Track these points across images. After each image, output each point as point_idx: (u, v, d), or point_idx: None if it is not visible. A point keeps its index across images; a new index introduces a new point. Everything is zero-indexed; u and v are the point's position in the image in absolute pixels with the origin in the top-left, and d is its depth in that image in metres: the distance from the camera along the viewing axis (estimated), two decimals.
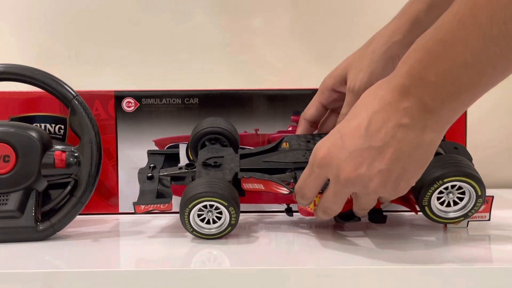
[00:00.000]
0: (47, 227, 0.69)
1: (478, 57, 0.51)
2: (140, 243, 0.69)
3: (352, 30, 1.03)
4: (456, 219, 0.65)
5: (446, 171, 0.62)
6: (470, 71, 0.51)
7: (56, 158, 0.70)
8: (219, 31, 1.04)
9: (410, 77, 0.54)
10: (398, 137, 0.55)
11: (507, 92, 1.05)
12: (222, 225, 0.66)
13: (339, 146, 0.58)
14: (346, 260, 0.61)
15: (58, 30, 1.03)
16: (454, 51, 0.51)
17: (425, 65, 0.53)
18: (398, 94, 0.55)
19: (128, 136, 0.83)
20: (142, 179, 0.72)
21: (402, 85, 0.55)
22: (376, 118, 0.55)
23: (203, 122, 0.80)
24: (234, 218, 0.65)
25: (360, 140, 0.56)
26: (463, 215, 0.64)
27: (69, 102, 0.72)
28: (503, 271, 0.57)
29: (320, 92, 0.78)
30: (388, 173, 0.56)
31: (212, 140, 0.78)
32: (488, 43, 0.50)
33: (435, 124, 0.55)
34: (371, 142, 0.56)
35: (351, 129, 0.57)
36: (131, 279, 0.58)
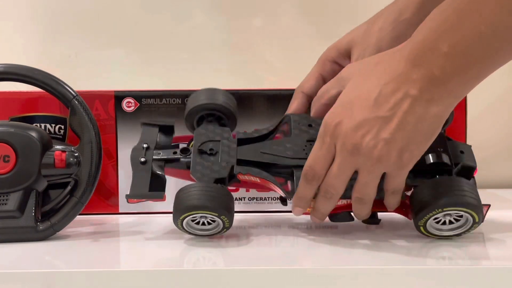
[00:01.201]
0: (47, 227, 0.69)
1: (493, 28, 0.50)
2: (140, 243, 0.69)
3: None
4: (448, 237, 0.64)
5: (448, 201, 0.61)
6: (484, 43, 0.51)
7: (56, 158, 0.70)
8: (219, 31, 1.04)
9: (423, 46, 0.54)
10: (404, 108, 0.55)
11: (507, 91, 1.05)
12: (217, 228, 0.66)
13: (348, 116, 0.58)
14: (346, 260, 0.61)
15: (58, 30, 1.03)
16: (469, 21, 0.51)
17: (439, 35, 0.53)
18: (410, 65, 0.55)
19: (128, 136, 0.83)
20: (135, 163, 0.71)
21: (414, 55, 0.55)
22: (386, 89, 0.56)
23: (200, 94, 0.76)
24: (228, 223, 0.65)
25: (368, 110, 0.57)
26: (456, 234, 0.64)
27: (69, 102, 0.72)
28: (500, 270, 0.57)
29: (321, 63, 0.76)
30: (393, 142, 0.56)
31: (209, 116, 0.75)
32: (504, 14, 0.49)
33: (442, 98, 0.55)
34: (378, 112, 0.56)
35: (360, 99, 0.58)
36: (131, 279, 0.58)
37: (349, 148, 0.58)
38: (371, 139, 0.57)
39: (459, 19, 0.52)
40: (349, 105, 0.59)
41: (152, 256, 0.65)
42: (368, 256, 0.61)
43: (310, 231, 0.73)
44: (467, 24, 0.51)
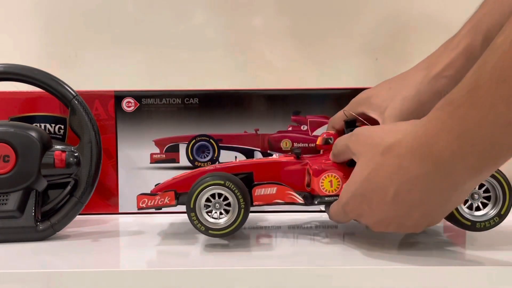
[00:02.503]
0: (47, 227, 0.69)
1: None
2: (140, 243, 0.69)
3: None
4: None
5: None
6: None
7: (56, 158, 0.70)
8: (219, 31, 1.04)
9: (444, 150, 0.52)
10: (424, 204, 0.57)
11: None
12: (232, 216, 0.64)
13: (367, 211, 0.60)
14: (346, 260, 0.61)
15: (58, 30, 1.03)
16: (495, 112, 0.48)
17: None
18: (432, 165, 0.54)
19: (128, 136, 0.83)
20: None
21: (437, 157, 0.53)
22: (402, 189, 0.56)
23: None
24: (244, 206, 0.63)
25: (387, 207, 0.58)
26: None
27: (69, 102, 0.72)
28: (501, 271, 0.57)
29: (353, 105, 0.74)
30: (416, 225, 0.59)
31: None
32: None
33: (461, 194, 0.56)
34: (398, 210, 0.58)
35: (377, 195, 0.58)
36: (131, 279, 0.58)
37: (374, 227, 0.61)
38: (394, 229, 0.60)
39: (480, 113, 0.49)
40: (366, 199, 0.59)
41: (152, 256, 0.65)
42: (368, 256, 0.61)
43: (311, 231, 0.73)
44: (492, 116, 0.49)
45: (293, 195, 0.68)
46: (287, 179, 0.69)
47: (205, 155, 0.85)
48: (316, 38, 1.04)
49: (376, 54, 1.04)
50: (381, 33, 1.03)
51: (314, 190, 0.67)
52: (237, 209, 0.64)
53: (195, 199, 0.63)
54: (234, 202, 0.64)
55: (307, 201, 0.67)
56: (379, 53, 1.03)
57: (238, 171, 0.69)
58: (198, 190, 0.63)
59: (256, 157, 0.85)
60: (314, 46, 1.04)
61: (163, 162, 0.84)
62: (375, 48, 1.03)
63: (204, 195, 0.64)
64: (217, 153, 0.85)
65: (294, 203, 0.68)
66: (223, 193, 0.64)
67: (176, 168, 0.84)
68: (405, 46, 1.03)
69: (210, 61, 1.03)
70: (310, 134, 0.85)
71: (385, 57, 1.03)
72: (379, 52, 1.03)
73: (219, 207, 0.64)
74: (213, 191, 0.64)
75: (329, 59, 1.03)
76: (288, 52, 1.04)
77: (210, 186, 0.63)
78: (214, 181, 0.63)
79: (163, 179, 0.83)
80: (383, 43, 1.03)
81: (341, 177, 0.66)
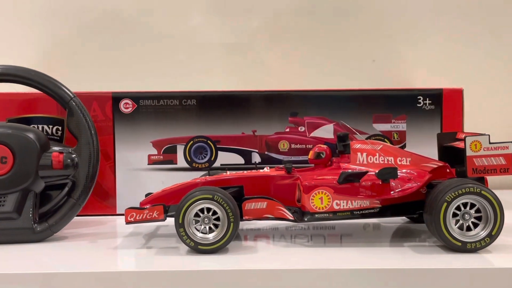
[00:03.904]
0: (44, 228, 0.69)
1: None
2: (137, 244, 0.69)
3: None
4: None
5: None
6: None
7: (54, 159, 0.70)
8: (217, 31, 1.04)
9: None
10: None
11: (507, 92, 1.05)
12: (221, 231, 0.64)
13: None
14: (342, 261, 0.61)
15: (57, 32, 1.03)
16: None
17: None
18: None
19: (126, 138, 0.83)
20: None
21: None
22: None
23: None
24: (233, 217, 0.63)
25: None
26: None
27: (67, 104, 0.72)
28: (496, 272, 0.57)
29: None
30: None
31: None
32: None
33: None
34: None
35: None
36: (129, 280, 0.58)
37: None
38: None
39: None
40: None
41: (150, 257, 0.65)
42: (364, 258, 0.61)
43: (307, 233, 0.73)
44: None
45: (283, 211, 0.67)
46: (277, 193, 0.69)
47: (202, 156, 0.85)
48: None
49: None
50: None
51: (304, 206, 0.66)
52: (227, 223, 0.63)
53: (184, 214, 0.63)
54: (223, 217, 0.63)
55: (297, 217, 0.67)
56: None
57: (228, 184, 0.69)
58: (187, 204, 0.63)
59: (254, 159, 0.85)
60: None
61: (160, 163, 0.84)
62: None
63: (193, 209, 0.63)
64: (215, 154, 0.85)
65: (284, 219, 0.67)
66: (212, 208, 0.63)
67: (174, 169, 0.85)
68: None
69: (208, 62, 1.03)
70: (308, 135, 0.85)
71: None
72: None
73: (208, 221, 0.64)
74: (202, 206, 0.63)
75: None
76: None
77: (199, 201, 0.63)
78: (203, 196, 0.63)
79: (160, 180, 0.83)
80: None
81: (332, 194, 0.65)
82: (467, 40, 1.04)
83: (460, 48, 1.04)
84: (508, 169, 0.66)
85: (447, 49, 1.04)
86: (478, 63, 1.04)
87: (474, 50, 1.04)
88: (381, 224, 0.77)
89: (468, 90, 0.85)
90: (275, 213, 0.68)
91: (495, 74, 1.05)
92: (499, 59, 1.04)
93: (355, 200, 0.65)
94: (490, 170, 0.66)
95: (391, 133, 0.85)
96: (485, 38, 1.04)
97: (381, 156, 0.68)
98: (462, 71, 1.03)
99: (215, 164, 0.85)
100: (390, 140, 0.84)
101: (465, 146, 0.65)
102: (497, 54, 1.04)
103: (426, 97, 0.84)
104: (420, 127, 0.84)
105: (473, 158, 0.65)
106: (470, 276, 0.57)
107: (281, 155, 0.85)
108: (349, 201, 0.65)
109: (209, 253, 0.63)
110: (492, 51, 1.04)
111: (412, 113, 0.84)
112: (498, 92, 1.05)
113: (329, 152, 0.70)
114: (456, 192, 0.62)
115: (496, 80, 1.05)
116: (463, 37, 1.04)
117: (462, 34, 1.04)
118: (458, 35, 1.04)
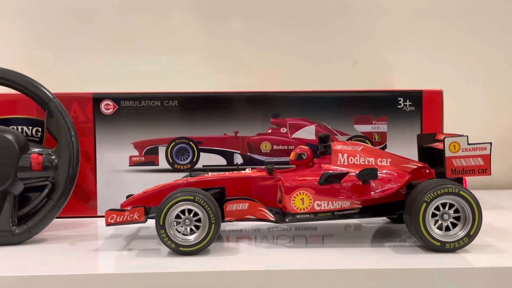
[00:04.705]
0: (23, 230, 0.69)
1: None
2: (118, 246, 0.68)
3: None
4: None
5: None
6: None
7: (33, 161, 0.69)
8: (198, 33, 1.04)
9: None
10: None
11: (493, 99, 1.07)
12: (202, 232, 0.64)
13: None
14: (323, 262, 0.61)
15: (37, 33, 1.02)
16: None
17: None
18: None
19: (107, 139, 0.83)
20: None
21: None
22: None
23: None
24: (214, 219, 0.63)
25: None
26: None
27: (46, 105, 0.71)
28: (474, 271, 0.58)
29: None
30: None
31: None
32: None
33: None
34: None
35: None
36: (110, 282, 0.57)
37: None
38: None
39: None
40: None
41: (131, 259, 0.64)
42: (345, 258, 0.62)
43: (289, 233, 0.73)
44: None
45: (264, 212, 0.67)
46: (259, 194, 0.69)
47: (184, 157, 0.85)
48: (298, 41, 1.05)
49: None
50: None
51: (285, 207, 0.67)
52: (208, 225, 0.63)
53: (165, 216, 0.63)
54: (204, 218, 0.63)
55: (279, 218, 0.67)
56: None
57: (210, 186, 0.69)
58: (168, 206, 0.63)
59: (236, 160, 0.85)
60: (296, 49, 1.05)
61: (142, 164, 0.84)
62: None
63: (174, 211, 0.63)
64: (197, 155, 0.85)
65: (265, 220, 0.68)
66: (193, 209, 0.63)
67: (155, 171, 0.84)
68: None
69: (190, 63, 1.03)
70: (290, 136, 0.85)
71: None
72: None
73: (189, 223, 0.63)
74: (183, 207, 0.63)
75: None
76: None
77: (180, 202, 0.63)
78: (184, 197, 0.63)
79: (142, 181, 0.83)
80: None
81: (313, 195, 0.66)
82: (447, 41, 1.05)
83: (440, 50, 1.05)
84: (486, 170, 0.67)
85: (428, 51, 1.05)
86: (457, 64, 1.06)
87: (454, 51, 1.05)
88: (362, 224, 0.78)
89: (448, 92, 0.86)
90: (257, 214, 0.68)
91: (475, 75, 1.06)
92: (478, 60, 1.06)
93: (336, 201, 0.66)
94: (469, 171, 0.67)
95: (372, 134, 0.85)
96: (464, 39, 1.06)
97: (361, 157, 0.69)
98: (442, 72, 1.05)
99: (197, 166, 0.85)
100: (371, 141, 0.85)
101: (444, 147, 0.66)
102: (476, 56, 1.06)
103: (407, 99, 0.85)
104: (400, 128, 0.85)
105: (452, 159, 0.66)
106: (449, 276, 0.58)
107: (263, 156, 0.85)
108: (330, 202, 0.66)
109: (190, 254, 0.63)
110: (471, 52, 1.06)
111: (392, 114, 0.85)
112: (478, 93, 1.06)
113: (311, 153, 0.71)
114: (435, 193, 0.62)
115: (475, 81, 1.06)
116: (443, 39, 1.05)
117: (442, 35, 1.05)
118: (438, 36, 1.05)
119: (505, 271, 0.58)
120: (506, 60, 1.06)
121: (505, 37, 1.06)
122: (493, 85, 1.06)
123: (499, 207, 0.90)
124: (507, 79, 1.06)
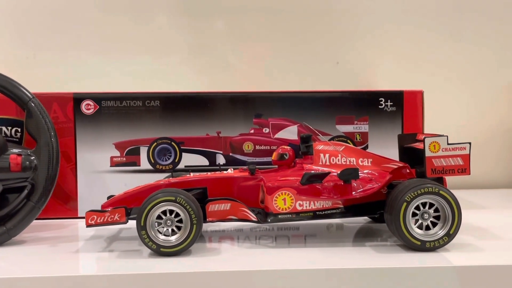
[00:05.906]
0: (2, 232, 0.68)
1: None
2: (99, 248, 0.68)
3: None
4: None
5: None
6: None
7: (12, 161, 0.68)
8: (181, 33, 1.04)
9: None
10: None
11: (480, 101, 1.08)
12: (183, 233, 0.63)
13: None
14: (306, 262, 0.61)
15: (16, 32, 1.01)
16: None
17: None
18: None
19: (88, 139, 0.82)
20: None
21: None
22: None
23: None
24: (196, 220, 0.63)
25: None
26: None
27: (25, 105, 0.71)
28: (454, 270, 0.59)
29: None
30: None
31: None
32: None
33: None
34: None
35: None
36: (91, 284, 0.57)
37: None
38: None
39: None
40: None
41: (112, 260, 0.64)
42: (325, 257, 0.62)
43: (272, 233, 0.73)
44: None
45: (246, 212, 0.67)
46: (241, 195, 0.69)
47: (166, 158, 0.84)
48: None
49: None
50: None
51: (267, 207, 0.67)
52: (189, 225, 0.63)
53: (146, 216, 0.62)
54: (186, 219, 0.63)
55: (261, 218, 0.67)
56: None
57: (192, 186, 0.69)
58: (149, 207, 0.63)
59: (218, 160, 0.85)
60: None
61: (123, 165, 0.83)
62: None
63: (155, 212, 0.63)
64: (179, 156, 0.84)
65: (247, 220, 0.68)
66: (174, 210, 0.63)
67: (137, 171, 0.84)
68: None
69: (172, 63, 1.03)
70: (272, 136, 0.85)
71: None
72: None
73: (170, 224, 0.63)
74: (164, 208, 0.63)
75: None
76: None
77: (161, 203, 0.63)
78: (166, 198, 0.63)
79: (123, 182, 0.82)
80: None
81: (295, 195, 0.66)
82: (428, 42, 1.07)
83: (421, 51, 1.06)
84: (466, 170, 0.67)
85: (409, 52, 1.06)
86: (438, 65, 1.07)
87: (435, 52, 1.07)
88: (344, 224, 0.78)
89: (429, 92, 0.87)
90: (239, 214, 0.68)
91: (455, 76, 1.07)
92: (458, 61, 1.07)
93: (318, 201, 0.66)
94: (448, 171, 0.67)
95: (353, 134, 0.86)
96: (445, 41, 1.07)
97: (343, 157, 0.69)
98: (423, 73, 1.06)
99: (179, 166, 0.84)
100: (352, 141, 0.86)
101: (424, 147, 0.67)
102: (456, 57, 1.07)
103: (388, 99, 0.86)
104: (381, 128, 0.86)
105: (432, 159, 0.67)
106: (429, 275, 0.59)
107: (246, 157, 0.85)
108: (311, 202, 0.66)
109: (171, 255, 0.63)
110: (451, 53, 1.07)
111: (374, 115, 0.86)
112: (458, 94, 1.08)
113: (293, 153, 0.71)
114: (416, 192, 0.63)
115: (455, 82, 1.07)
116: (424, 40, 1.06)
117: (424, 37, 1.06)
118: (419, 38, 1.06)
119: (484, 270, 0.59)
120: (486, 62, 1.08)
121: (485, 39, 1.07)
122: (473, 86, 1.08)
123: (479, 206, 0.91)
124: (487, 80, 1.08)
